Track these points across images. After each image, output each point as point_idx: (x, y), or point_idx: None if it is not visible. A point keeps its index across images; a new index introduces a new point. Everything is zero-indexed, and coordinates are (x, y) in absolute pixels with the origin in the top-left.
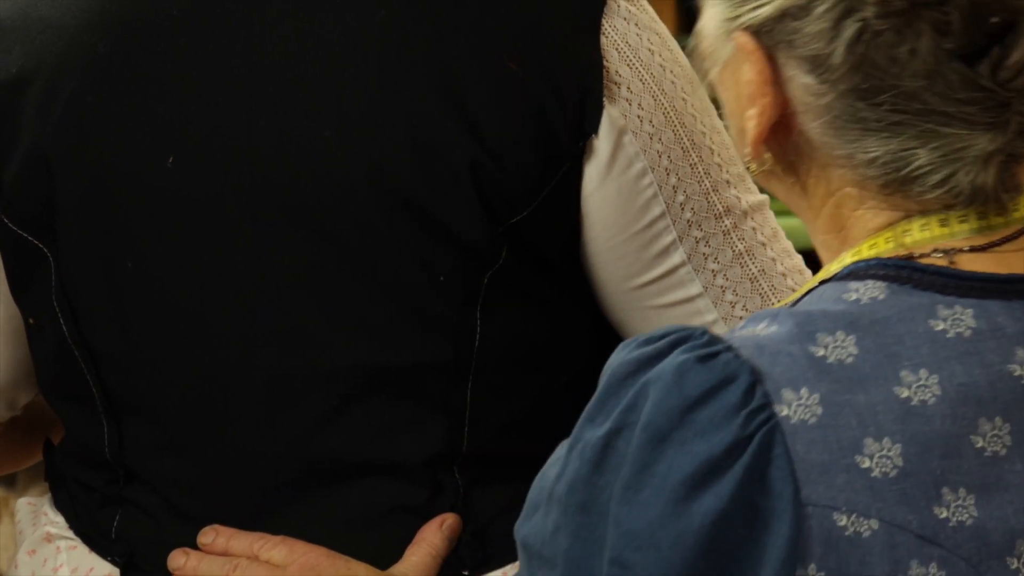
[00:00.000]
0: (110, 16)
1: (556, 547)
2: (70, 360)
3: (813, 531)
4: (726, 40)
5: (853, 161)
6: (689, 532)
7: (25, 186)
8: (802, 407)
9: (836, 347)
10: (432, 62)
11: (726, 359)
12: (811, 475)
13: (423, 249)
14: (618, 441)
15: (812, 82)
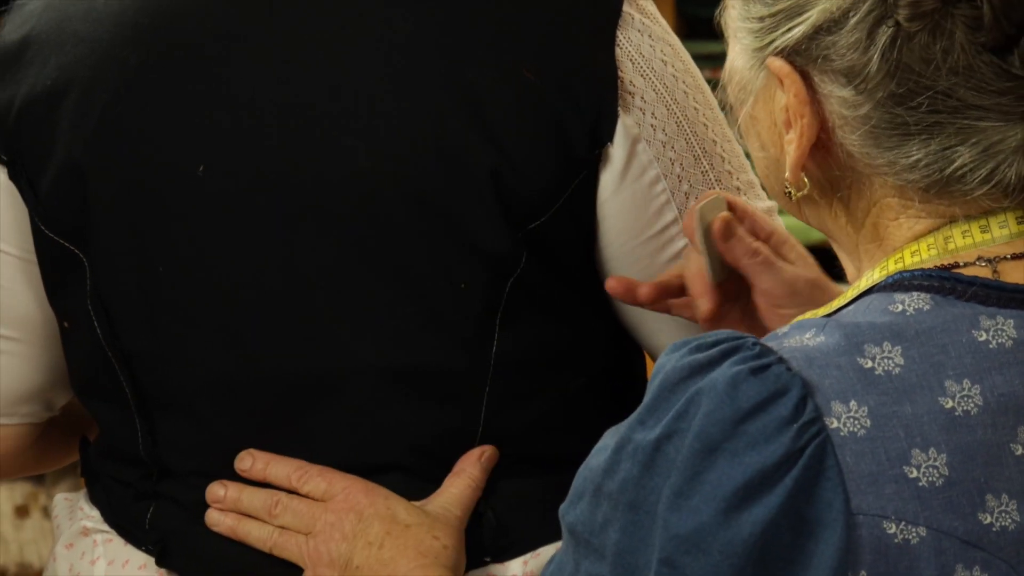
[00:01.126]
0: (142, 30)
1: (605, 539)
2: (104, 361)
3: (864, 539)
4: (758, 70)
5: (895, 168)
6: (739, 540)
7: (61, 195)
8: (851, 419)
9: (883, 358)
10: (454, 74)
11: (777, 372)
12: (861, 485)
13: (446, 256)
14: (668, 446)
15: (849, 94)
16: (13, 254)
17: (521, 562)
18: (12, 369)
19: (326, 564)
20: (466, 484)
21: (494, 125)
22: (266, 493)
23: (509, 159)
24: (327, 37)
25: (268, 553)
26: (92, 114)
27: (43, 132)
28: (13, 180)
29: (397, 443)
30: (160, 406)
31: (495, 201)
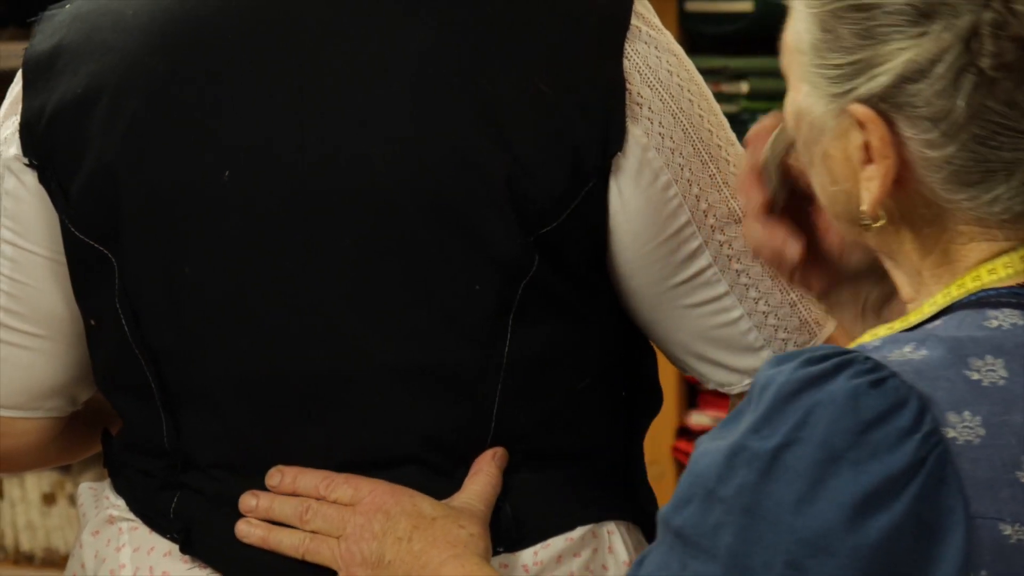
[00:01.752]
0: (169, 39)
1: (718, 541)
2: (130, 358)
3: (983, 541)
4: (836, 114)
5: (976, 202)
6: (865, 545)
7: (91, 197)
8: (966, 429)
9: (987, 370)
10: (470, 85)
11: (895, 384)
12: (978, 491)
13: (461, 259)
14: (787, 455)
15: (934, 137)
16: (42, 254)
17: (532, 552)
18: (38, 365)
19: (359, 564)
20: (486, 481)
21: (508, 134)
22: (296, 500)
23: (523, 167)
24: (348, 47)
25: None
26: (122, 120)
27: (74, 138)
28: (43, 183)
29: (412, 438)
30: (184, 401)
31: (509, 207)
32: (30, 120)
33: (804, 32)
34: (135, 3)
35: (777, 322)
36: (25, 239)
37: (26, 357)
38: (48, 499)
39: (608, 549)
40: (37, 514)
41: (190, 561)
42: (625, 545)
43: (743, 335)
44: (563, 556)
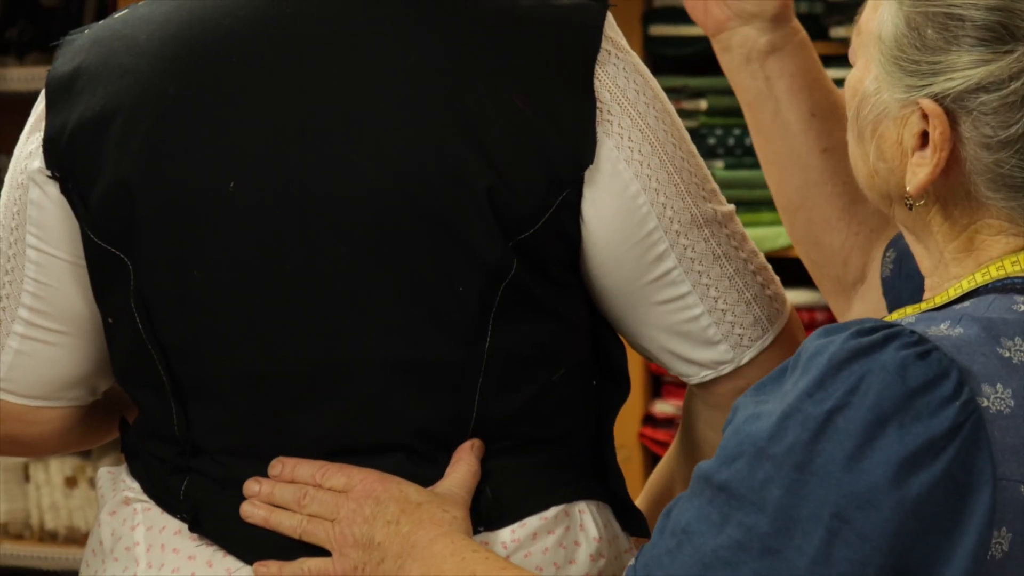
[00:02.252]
0: (179, 63)
1: (766, 495)
2: (144, 353)
3: (1007, 501)
4: (904, 103)
5: (1011, 203)
6: (908, 499)
7: (109, 207)
8: (999, 399)
9: (1017, 350)
10: (455, 103)
11: (939, 357)
12: (1006, 455)
13: (447, 263)
14: (839, 417)
15: (992, 142)
16: (64, 258)
17: (509, 531)
18: (62, 359)
19: (351, 545)
20: (466, 470)
21: (490, 148)
22: (295, 487)
23: (503, 179)
24: (342, 69)
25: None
26: (136, 137)
27: (92, 153)
28: (64, 194)
29: (401, 426)
30: (193, 392)
31: (491, 215)
32: (52, 136)
33: (889, 23)
34: (148, 29)
35: (734, 319)
36: (49, 244)
37: (50, 352)
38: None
39: (580, 527)
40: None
41: (198, 539)
42: (595, 522)
43: (703, 330)
44: (538, 533)
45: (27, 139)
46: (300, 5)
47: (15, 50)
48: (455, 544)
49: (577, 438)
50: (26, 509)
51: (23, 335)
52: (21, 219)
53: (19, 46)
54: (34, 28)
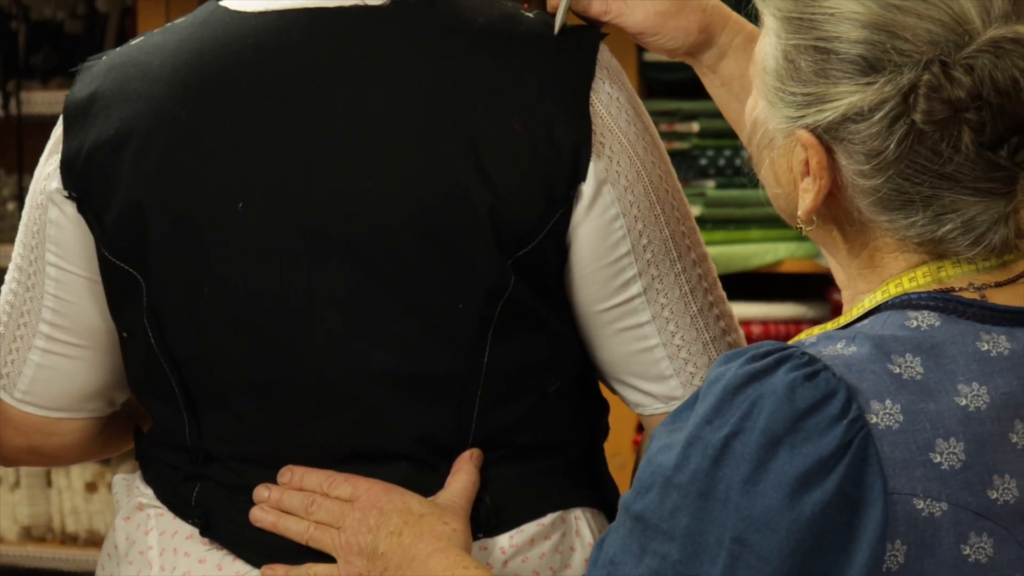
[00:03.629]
0: (191, 89)
1: (675, 523)
2: (157, 365)
3: (899, 514)
4: (786, 133)
5: (895, 225)
6: (802, 519)
7: (123, 226)
8: (887, 415)
9: (907, 366)
10: (457, 126)
11: (827, 377)
12: (896, 470)
13: (448, 280)
14: (735, 442)
15: (866, 169)
16: (81, 275)
17: (508, 536)
18: (81, 372)
19: (356, 553)
20: (466, 480)
21: (490, 170)
22: (303, 494)
23: (502, 199)
24: (347, 95)
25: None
26: (149, 160)
27: (108, 174)
28: (81, 213)
29: (404, 436)
30: (204, 403)
31: (491, 234)
32: (70, 158)
33: (769, 55)
34: (161, 56)
35: (688, 356)
36: (67, 261)
37: (70, 365)
38: (91, 487)
39: (575, 532)
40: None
41: (209, 543)
42: (590, 528)
43: (656, 362)
44: (535, 539)
45: (46, 161)
46: (307, 34)
47: (40, 75)
48: (449, 560)
49: (573, 447)
50: (48, 513)
51: (44, 349)
52: (41, 238)
53: (43, 71)
54: (57, 54)
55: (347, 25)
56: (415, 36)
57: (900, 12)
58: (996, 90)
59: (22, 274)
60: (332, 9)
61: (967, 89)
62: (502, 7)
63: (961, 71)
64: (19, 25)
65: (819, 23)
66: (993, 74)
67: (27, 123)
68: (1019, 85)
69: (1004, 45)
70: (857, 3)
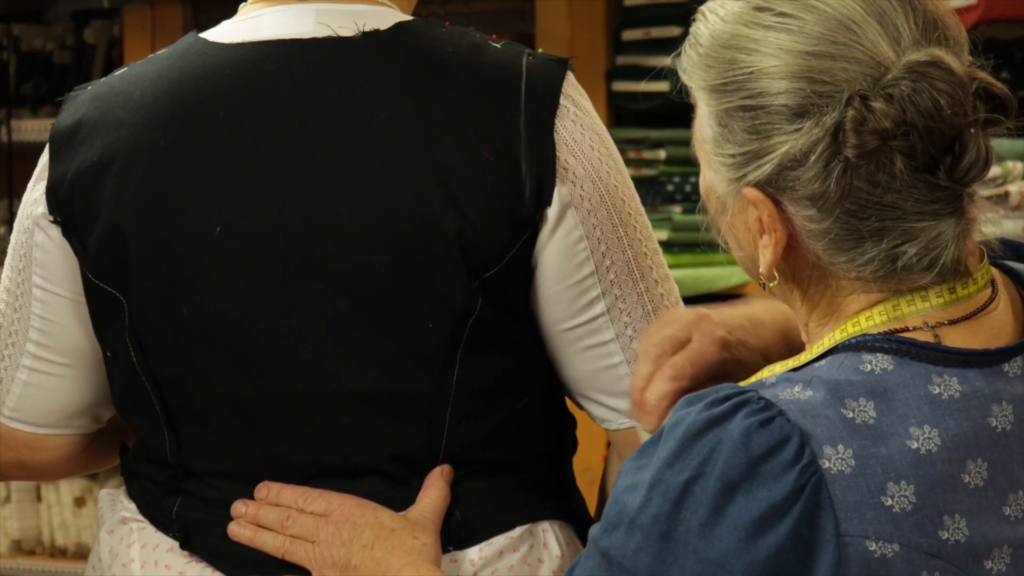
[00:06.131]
0: (171, 117)
1: (638, 563)
2: (139, 383)
3: (851, 556)
4: (735, 195)
5: (854, 264)
6: (758, 562)
7: (105, 249)
8: (840, 460)
9: (860, 410)
10: (427, 154)
11: (781, 423)
12: (848, 513)
13: (418, 301)
14: (695, 486)
15: (813, 213)
16: (66, 296)
17: (477, 549)
18: (66, 389)
19: (329, 566)
20: (437, 496)
21: (459, 196)
22: (279, 509)
23: (471, 224)
24: (321, 122)
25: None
26: (130, 185)
27: (90, 199)
28: (66, 237)
29: (376, 453)
30: (183, 420)
31: (459, 257)
32: (55, 184)
33: (707, 126)
34: (142, 86)
35: None
36: (52, 283)
37: (56, 383)
38: (79, 502)
39: (543, 545)
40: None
41: (189, 556)
42: (558, 541)
43: (620, 379)
44: (504, 552)
45: (33, 187)
46: (281, 65)
47: (30, 104)
48: (420, 572)
49: (541, 462)
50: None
51: (31, 368)
52: (27, 261)
53: (33, 100)
54: (47, 83)
55: (319, 56)
56: (385, 66)
57: (815, 58)
58: (919, 113)
59: (10, 295)
60: (305, 40)
61: (891, 117)
62: (471, 38)
63: (882, 101)
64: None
65: (741, 83)
66: (914, 98)
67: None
68: (940, 105)
69: (919, 69)
70: (772, 58)
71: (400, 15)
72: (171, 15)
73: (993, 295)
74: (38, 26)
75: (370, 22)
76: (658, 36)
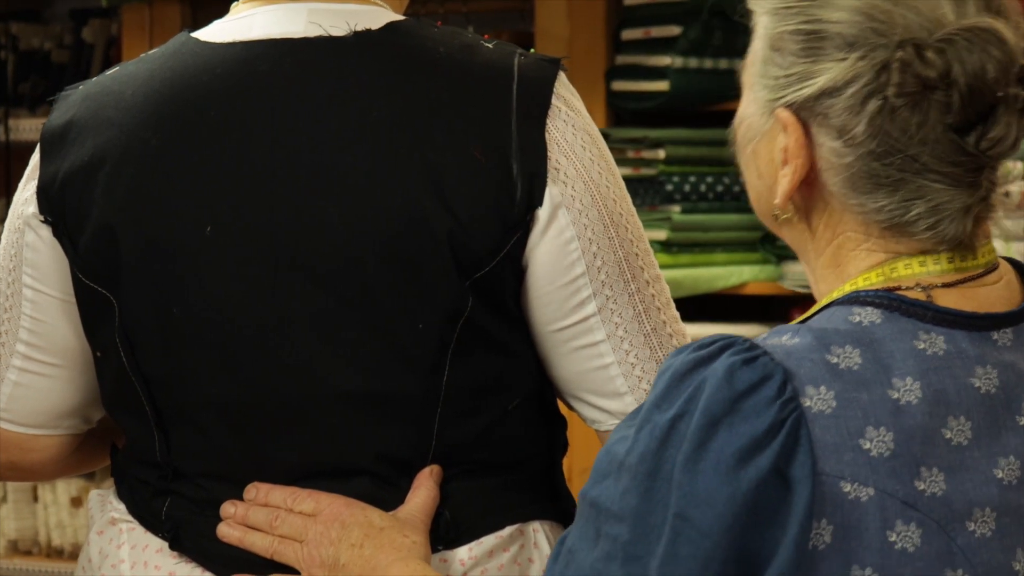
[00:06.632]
0: (162, 118)
1: (625, 504)
2: (128, 384)
3: (826, 495)
4: (767, 117)
5: (863, 208)
6: (739, 494)
7: (95, 249)
8: (821, 400)
9: (845, 357)
10: (418, 154)
11: (764, 361)
12: (826, 452)
13: (408, 301)
14: (680, 424)
15: (838, 146)
16: (57, 296)
17: (467, 548)
18: (56, 390)
19: (318, 565)
20: (426, 496)
21: (450, 196)
22: (268, 510)
23: (461, 224)
24: (312, 122)
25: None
26: (121, 185)
27: (81, 199)
28: (56, 237)
29: (366, 453)
30: (173, 420)
31: (450, 257)
32: (45, 184)
33: (759, 49)
34: (133, 85)
35: (642, 374)
36: (42, 283)
37: (46, 383)
38: (75, 502)
39: (534, 544)
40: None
41: (178, 556)
42: (548, 540)
43: (611, 380)
44: (494, 551)
45: (24, 187)
46: (272, 64)
47: (27, 103)
48: (409, 568)
49: (532, 462)
50: (35, 527)
51: (21, 368)
52: (18, 260)
53: (31, 99)
54: (45, 82)
55: (310, 55)
56: (376, 66)
57: (882, 1)
58: (965, 71)
59: (0, 296)
60: (297, 40)
61: (937, 68)
62: (463, 38)
63: (933, 52)
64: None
65: (804, 8)
66: (963, 56)
67: (15, 149)
68: (987, 69)
69: (975, 31)
70: None
71: (392, 15)
72: (169, 14)
73: (993, 271)
74: (36, 25)
75: (361, 22)
76: (658, 35)
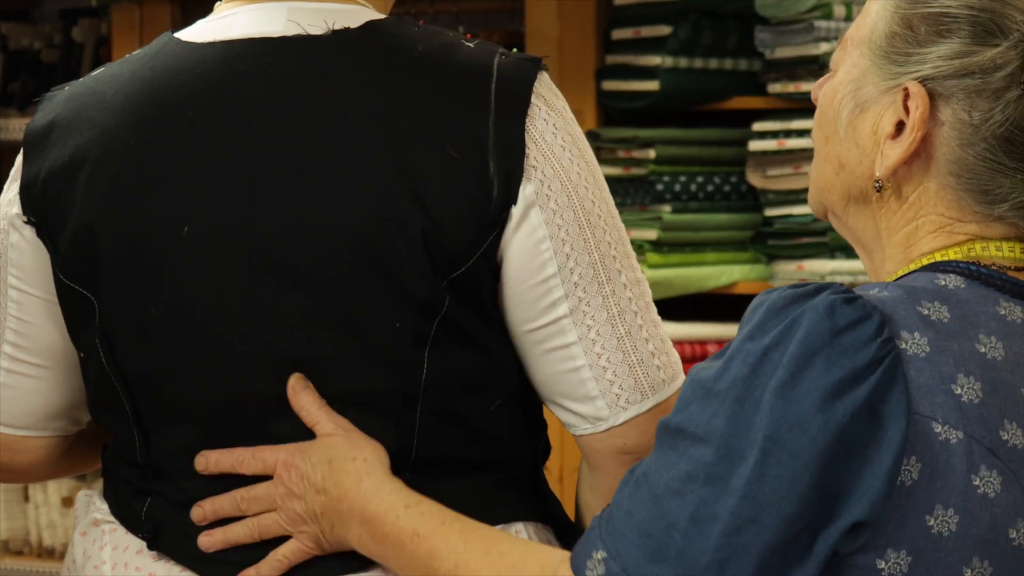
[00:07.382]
0: (142, 118)
1: (711, 428)
2: (109, 384)
3: (918, 434)
4: (887, 90)
5: (970, 189)
6: (832, 423)
7: (75, 249)
8: (915, 344)
9: (935, 310)
10: (393, 153)
11: (863, 303)
12: (919, 393)
13: (384, 300)
14: (774, 352)
15: (966, 129)
16: (41, 297)
17: None
18: (43, 391)
19: (300, 522)
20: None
21: (425, 195)
22: (230, 496)
23: (436, 222)
24: (289, 122)
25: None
26: (100, 185)
27: (62, 199)
28: (40, 237)
29: None
30: (153, 420)
31: (425, 256)
32: (28, 184)
33: (882, 24)
34: (115, 85)
35: (614, 378)
36: (27, 284)
37: (33, 384)
38: (66, 502)
39: None
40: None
41: (158, 557)
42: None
43: (582, 383)
44: None
45: (8, 187)
46: (251, 64)
47: (17, 102)
48: (385, 503)
49: (516, 462)
50: (26, 527)
51: (7, 369)
52: (3, 261)
53: (21, 99)
54: (35, 82)
55: (289, 55)
56: (354, 65)
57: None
58: None
59: None
60: (275, 39)
61: None
62: (443, 37)
63: None
64: None
65: None
66: None
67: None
68: None
69: None
70: None
71: (373, 13)
72: (159, 13)
73: None
74: (26, 24)
75: (340, 20)
76: (648, 35)
